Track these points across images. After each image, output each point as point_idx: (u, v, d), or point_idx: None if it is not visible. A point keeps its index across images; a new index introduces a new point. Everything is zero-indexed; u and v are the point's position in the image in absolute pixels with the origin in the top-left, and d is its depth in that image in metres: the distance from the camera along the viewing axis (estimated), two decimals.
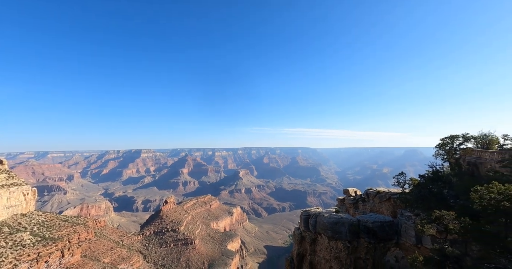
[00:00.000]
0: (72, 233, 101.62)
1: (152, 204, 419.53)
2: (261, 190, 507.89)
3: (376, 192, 41.63)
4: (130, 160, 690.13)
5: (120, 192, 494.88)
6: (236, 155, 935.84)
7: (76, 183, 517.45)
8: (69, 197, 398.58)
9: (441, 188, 28.25)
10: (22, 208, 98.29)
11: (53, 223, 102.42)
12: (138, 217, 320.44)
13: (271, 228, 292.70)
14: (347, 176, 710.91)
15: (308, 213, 40.40)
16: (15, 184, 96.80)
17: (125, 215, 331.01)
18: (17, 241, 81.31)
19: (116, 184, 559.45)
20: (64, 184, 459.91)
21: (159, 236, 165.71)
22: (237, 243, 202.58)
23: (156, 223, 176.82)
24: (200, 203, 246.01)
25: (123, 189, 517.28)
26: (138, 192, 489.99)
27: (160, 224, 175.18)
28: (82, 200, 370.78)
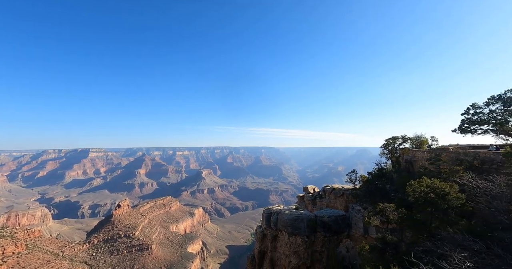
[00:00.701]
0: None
1: (102, 208, 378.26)
2: (224, 190, 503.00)
3: (331, 188, 45.23)
4: (75, 160, 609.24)
5: (61, 197, 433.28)
6: (199, 155, 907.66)
7: (1, 188, 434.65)
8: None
9: (385, 183, 32.09)
10: None
11: None
12: (84, 224, 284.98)
13: (234, 228, 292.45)
14: (307, 174, 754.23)
15: (270, 211, 41.62)
16: None
17: (67, 223, 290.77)
18: None
19: (56, 188, 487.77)
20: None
21: (109, 243, 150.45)
22: (198, 245, 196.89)
23: (107, 230, 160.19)
24: (158, 205, 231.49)
25: (66, 194, 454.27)
26: (85, 196, 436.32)
27: (111, 231, 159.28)
28: (10, 208, 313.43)
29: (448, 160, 25.29)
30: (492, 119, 29.11)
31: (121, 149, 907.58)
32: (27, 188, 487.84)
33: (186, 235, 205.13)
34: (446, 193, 17.20)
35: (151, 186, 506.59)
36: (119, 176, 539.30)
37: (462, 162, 23.73)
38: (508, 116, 28.52)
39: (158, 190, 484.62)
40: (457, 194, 17.16)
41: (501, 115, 28.92)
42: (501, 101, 28.91)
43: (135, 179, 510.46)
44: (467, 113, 30.61)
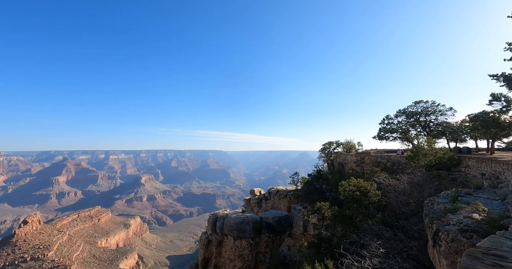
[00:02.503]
0: None
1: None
2: (167, 196, 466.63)
3: (276, 190, 47.56)
4: None
5: None
6: (138, 159, 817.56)
7: None
8: None
9: (322, 184, 35.70)
10: None
11: None
12: None
13: (176, 236, 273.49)
14: (254, 177, 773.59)
15: (216, 216, 40.71)
16: None
17: None
18: None
19: None
20: None
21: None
22: (133, 260, 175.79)
23: (4, 254, 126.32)
24: (83, 217, 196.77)
25: None
26: None
27: (12, 254, 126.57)
28: None
29: (370, 162, 30.15)
30: (399, 128, 36.40)
31: (33, 153, 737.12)
32: None
33: (118, 249, 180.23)
34: (367, 190, 20.39)
35: (74, 196, 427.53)
36: (27, 186, 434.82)
37: (379, 164, 28.64)
38: (409, 126, 36.25)
39: (84, 200, 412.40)
40: (375, 192, 20.56)
41: (405, 125, 36.55)
42: (405, 114, 36.57)
43: (51, 188, 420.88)
44: (383, 122, 37.33)
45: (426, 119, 35.50)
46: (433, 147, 24.51)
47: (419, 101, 36.03)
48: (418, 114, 35.61)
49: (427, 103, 35.52)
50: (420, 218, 14.58)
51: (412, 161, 22.99)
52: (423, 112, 35.52)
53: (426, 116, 35.38)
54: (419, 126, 35.81)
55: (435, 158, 22.11)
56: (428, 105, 35.52)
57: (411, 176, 20.19)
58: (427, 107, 35.46)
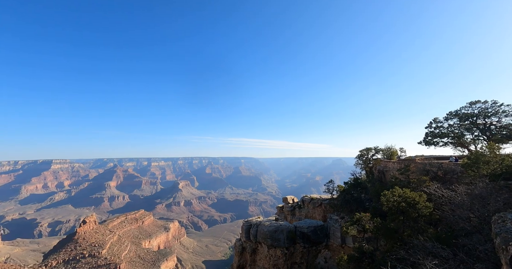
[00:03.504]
0: None
1: (64, 226, 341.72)
2: (202, 201, 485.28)
3: (310, 199, 45.85)
4: (34, 173, 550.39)
5: (15, 214, 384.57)
6: (176, 166, 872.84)
7: None
8: None
9: (360, 193, 33.34)
10: None
11: None
12: (41, 244, 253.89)
13: (211, 241, 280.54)
14: (286, 184, 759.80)
15: (250, 223, 40.75)
16: None
17: (20, 244, 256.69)
18: None
19: (8, 205, 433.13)
20: None
21: (71, 265, 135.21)
22: (173, 262, 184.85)
23: (68, 250, 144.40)
24: (130, 220, 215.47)
25: (20, 210, 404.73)
26: (44, 212, 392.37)
27: (74, 250, 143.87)
28: None
29: (416, 171, 27.20)
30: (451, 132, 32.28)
31: (90, 160, 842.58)
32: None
33: (160, 251, 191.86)
34: (416, 202, 18.32)
35: (122, 200, 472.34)
36: (86, 190, 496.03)
37: (428, 172, 25.65)
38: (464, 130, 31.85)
39: (130, 203, 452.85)
40: (425, 203, 18.36)
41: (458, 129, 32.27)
42: (457, 116, 32.37)
43: (104, 192, 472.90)
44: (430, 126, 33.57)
45: (486, 122, 30.87)
46: (498, 154, 21.13)
47: (476, 102, 31.60)
48: (474, 116, 31.19)
49: (486, 103, 30.97)
50: (486, 237, 12.48)
51: (471, 170, 20.08)
52: (481, 114, 31.00)
53: (485, 118, 30.80)
54: (476, 130, 31.29)
55: (502, 166, 18.98)
56: (487, 105, 30.96)
57: (470, 187, 17.61)
58: (486, 108, 30.90)
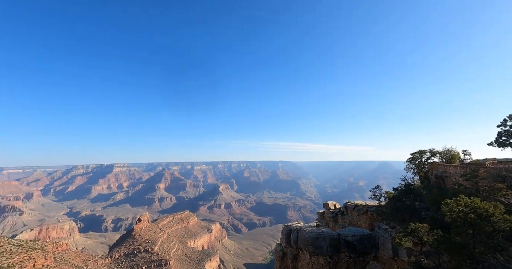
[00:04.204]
0: (26, 260, 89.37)
1: (123, 223, 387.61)
2: (241, 204, 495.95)
3: (354, 205, 42.70)
4: (100, 175, 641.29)
5: (87, 210, 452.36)
6: (216, 169, 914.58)
7: (35, 202, 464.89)
8: (26, 218, 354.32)
9: (413, 200, 29.71)
10: None
11: (2, 249, 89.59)
12: (107, 238, 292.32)
13: (251, 245, 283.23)
14: (326, 189, 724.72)
15: (290, 228, 39.89)
16: None
17: (91, 236, 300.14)
18: None
19: (83, 202, 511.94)
20: (21, 203, 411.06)
21: (130, 258, 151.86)
22: (216, 262, 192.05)
23: (127, 244, 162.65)
24: (177, 220, 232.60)
25: (91, 207, 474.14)
26: (109, 210, 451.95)
27: (132, 245, 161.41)
28: (42, 221, 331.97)
29: (488, 177, 22.95)
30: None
31: (143, 164, 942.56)
32: (57, 202, 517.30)
33: (204, 251, 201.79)
34: (489, 214, 15.40)
35: (170, 201, 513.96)
36: (140, 191, 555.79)
37: (504, 179, 21.43)
38: None
39: (177, 204, 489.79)
40: (503, 216, 15.29)
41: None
42: None
43: (155, 193, 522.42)
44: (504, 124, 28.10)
45: None
46: None
47: None
48: None
49: None
50: None
51: None
52: None
53: None
54: None
55: None
56: None
57: None
58: None
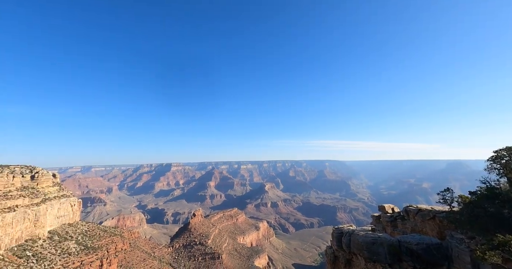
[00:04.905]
0: (110, 243, 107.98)
1: (181, 216, 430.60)
2: (287, 204, 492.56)
3: (417, 209, 37.87)
4: (161, 173, 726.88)
5: (152, 204, 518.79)
6: (262, 168, 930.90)
7: (114, 195, 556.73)
8: (108, 209, 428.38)
9: (499, 207, 24.77)
10: (69, 218, 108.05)
11: (94, 233, 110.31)
12: (168, 229, 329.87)
13: (299, 245, 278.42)
14: (381, 191, 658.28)
15: (341, 231, 37.98)
16: (64, 196, 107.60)
17: (156, 227, 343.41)
18: (64, 249, 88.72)
19: (148, 197, 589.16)
20: (104, 196, 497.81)
21: (187, 249, 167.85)
22: (265, 260, 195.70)
23: (185, 236, 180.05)
24: (226, 216, 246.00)
25: (155, 202, 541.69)
26: (169, 204, 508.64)
27: (189, 237, 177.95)
28: (119, 211, 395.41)
29: None
30: None
31: (195, 163, 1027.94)
32: (130, 195, 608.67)
33: (253, 248, 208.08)
34: None
35: (220, 198, 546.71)
36: (193, 188, 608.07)
37: None
38: None
39: (226, 201, 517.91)
40: None
41: None
42: None
43: (206, 191, 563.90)
44: None
45: None
46: None
47: None
48: None
49: None
50: None
51: None
52: None
53: None
54: None
55: None
56: None
57: None
58: None
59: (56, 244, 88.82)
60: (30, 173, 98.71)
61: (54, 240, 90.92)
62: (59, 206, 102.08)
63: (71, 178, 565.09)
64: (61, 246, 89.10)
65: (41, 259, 79.17)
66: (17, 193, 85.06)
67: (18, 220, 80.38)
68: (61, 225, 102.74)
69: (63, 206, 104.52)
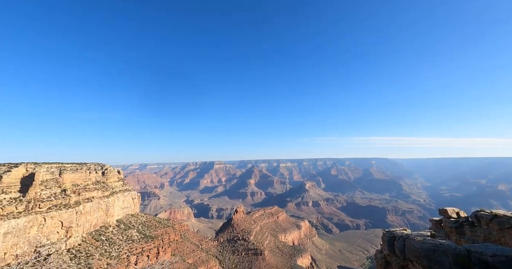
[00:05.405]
0: (164, 234, 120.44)
1: (224, 212, 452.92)
2: (330, 204, 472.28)
3: (492, 215, 32.11)
4: (205, 171, 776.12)
5: (198, 200, 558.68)
6: (301, 167, 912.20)
7: (166, 191, 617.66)
8: (161, 202, 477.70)
9: None
10: (131, 209, 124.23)
11: (151, 223, 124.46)
12: (213, 224, 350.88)
13: (344, 247, 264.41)
14: (441, 192, 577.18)
15: (393, 234, 34.72)
16: (127, 190, 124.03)
17: (202, 221, 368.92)
18: (128, 236, 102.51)
19: (195, 193, 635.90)
20: (158, 191, 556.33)
21: (231, 243, 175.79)
22: (308, 260, 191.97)
23: (229, 231, 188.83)
24: (267, 214, 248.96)
25: (200, 197, 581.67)
26: (213, 200, 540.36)
27: (232, 232, 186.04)
28: (170, 205, 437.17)
29: None
30: None
31: (235, 162, 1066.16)
32: (179, 191, 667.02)
33: (295, 246, 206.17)
34: None
35: (260, 196, 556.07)
36: (235, 185, 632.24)
37: None
38: None
39: (266, 199, 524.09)
40: None
41: None
42: None
43: (247, 188, 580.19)
44: None
45: None
46: None
47: None
48: None
49: None
50: None
51: None
52: None
53: None
54: None
55: None
56: None
57: None
58: None
59: (122, 232, 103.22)
60: (101, 170, 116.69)
61: (121, 228, 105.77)
62: (123, 198, 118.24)
63: (131, 174, 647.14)
64: (126, 233, 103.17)
65: (112, 244, 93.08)
66: (92, 187, 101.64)
67: (94, 209, 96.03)
68: (125, 215, 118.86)
69: (126, 198, 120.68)
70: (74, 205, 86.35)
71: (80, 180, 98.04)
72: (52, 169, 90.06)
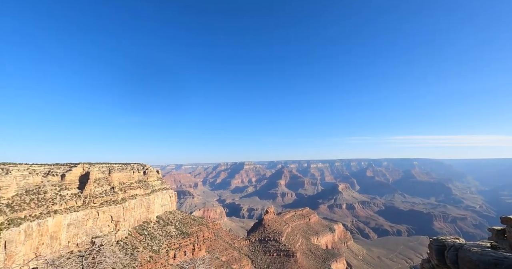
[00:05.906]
0: (199, 231, 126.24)
1: (255, 212, 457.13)
2: (366, 207, 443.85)
3: None
4: (236, 171, 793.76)
5: (229, 199, 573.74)
6: (333, 167, 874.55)
7: (199, 190, 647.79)
8: (196, 201, 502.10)
9: None
10: (169, 207, 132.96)
11: (187, 221, 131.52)
12: (245, 223, 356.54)
13: (384, 254, 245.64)
14: (502, 198, 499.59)
15: (442, 243, 31.12)
16: (165, 189, 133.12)
17: (234, 221, 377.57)
18: (167, 232, 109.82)
19: (226, 192, 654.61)
20: (192, 190, 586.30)
21: (262, 244, 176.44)
22: (343, 265, 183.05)
23: (260, 231, 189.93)
24: (298, 215, 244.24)
25: (232, 197, 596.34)
26: (243, 200, 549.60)
27: (263, 233, 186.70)
28: (204, 204, 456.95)
29: None
30: None
31: (265, 162, 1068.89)
32: (211, 190, 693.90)
33: (328, 250, 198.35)
34: None
35: (290, 196, 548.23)
36: (265, 186, 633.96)
37: None
38: None
39: (297, 200, 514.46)
40: None
41: None
42: None
43: (277, 189, 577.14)
44: None
45: None
46: None
47: None
48: None
49: None
50: None
51: None
52: None
53: None
54: None
55: None
56: None
57: None
58: None
59: (161, 227, 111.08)
60: (143, 169, 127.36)
61: (160, 224, 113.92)
62: (162, 196, 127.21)
63: (168, 174, 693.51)
64: (165, 229, 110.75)
65: (153, 238, 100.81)
66: (136, 185, 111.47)
67: (137, 206, 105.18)
68: (164, 212, 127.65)
69: (165, 197, 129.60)
70: (121, 202, 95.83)
71: (125, 179, 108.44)
72: (103, 169, 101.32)
